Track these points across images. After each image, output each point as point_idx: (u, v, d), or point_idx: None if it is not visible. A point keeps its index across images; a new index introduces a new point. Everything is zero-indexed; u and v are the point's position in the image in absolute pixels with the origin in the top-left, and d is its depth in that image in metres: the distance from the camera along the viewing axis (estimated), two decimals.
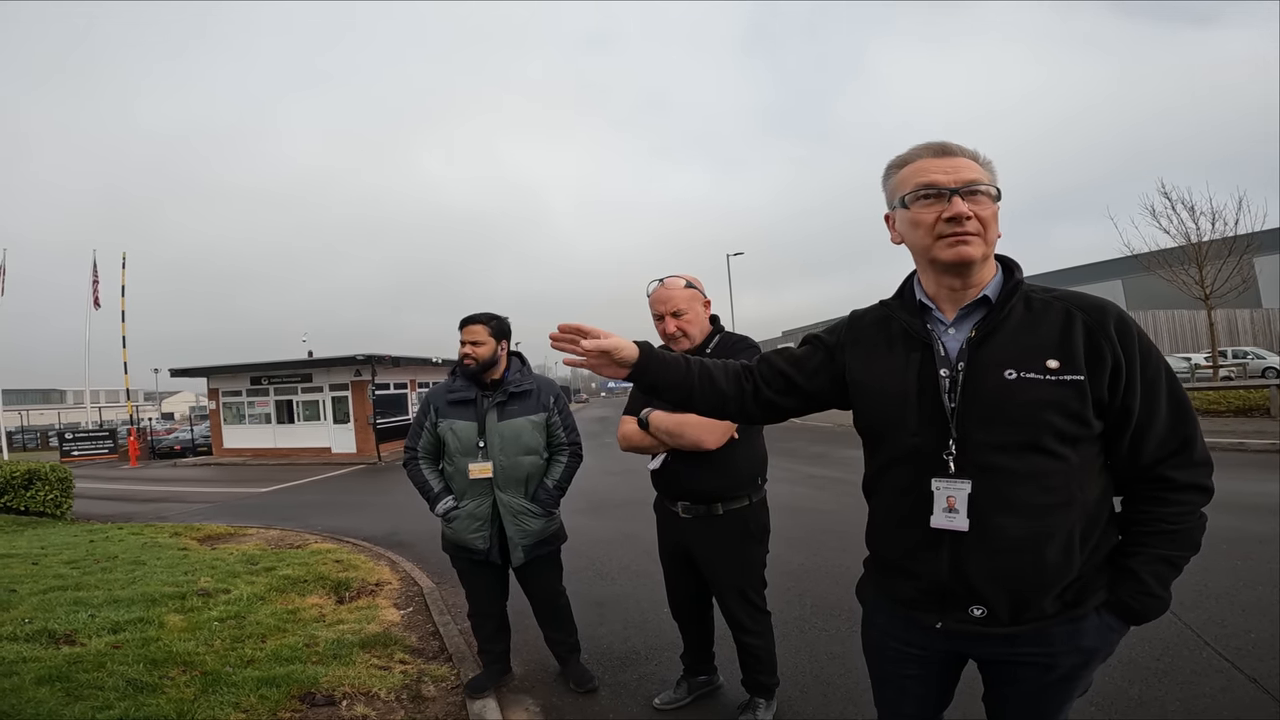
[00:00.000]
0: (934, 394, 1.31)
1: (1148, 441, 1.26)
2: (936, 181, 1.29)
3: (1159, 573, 1.28)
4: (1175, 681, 2.83)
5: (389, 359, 20.84)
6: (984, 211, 1.28)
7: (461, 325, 3.00)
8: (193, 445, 25.99)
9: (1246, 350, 23.62)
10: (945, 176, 1.29)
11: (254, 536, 7.50)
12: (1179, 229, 18.32)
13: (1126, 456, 1.29)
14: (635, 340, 1.50)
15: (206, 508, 11.28)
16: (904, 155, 1.38)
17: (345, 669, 3.21)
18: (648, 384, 1.48)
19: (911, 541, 1.35)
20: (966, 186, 1.27)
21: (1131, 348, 1.25)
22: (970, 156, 1.32)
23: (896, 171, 1.38)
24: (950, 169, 1.30)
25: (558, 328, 1.44)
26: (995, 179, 1.32)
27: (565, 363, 1.48)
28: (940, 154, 1.32)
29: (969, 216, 1.26)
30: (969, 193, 1.27)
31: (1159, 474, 1.28)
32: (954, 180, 1.28)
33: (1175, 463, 1.27)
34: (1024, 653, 1.32)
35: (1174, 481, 1.27)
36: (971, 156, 1.32)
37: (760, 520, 2.62)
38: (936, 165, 1.31)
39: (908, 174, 1.35)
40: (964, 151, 1.33)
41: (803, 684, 3.05)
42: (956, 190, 1.27)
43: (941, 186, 1.28)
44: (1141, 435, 1.26)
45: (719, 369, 1.52)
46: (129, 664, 3.14)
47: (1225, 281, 17.73)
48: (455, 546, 3.03)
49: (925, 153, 1.34)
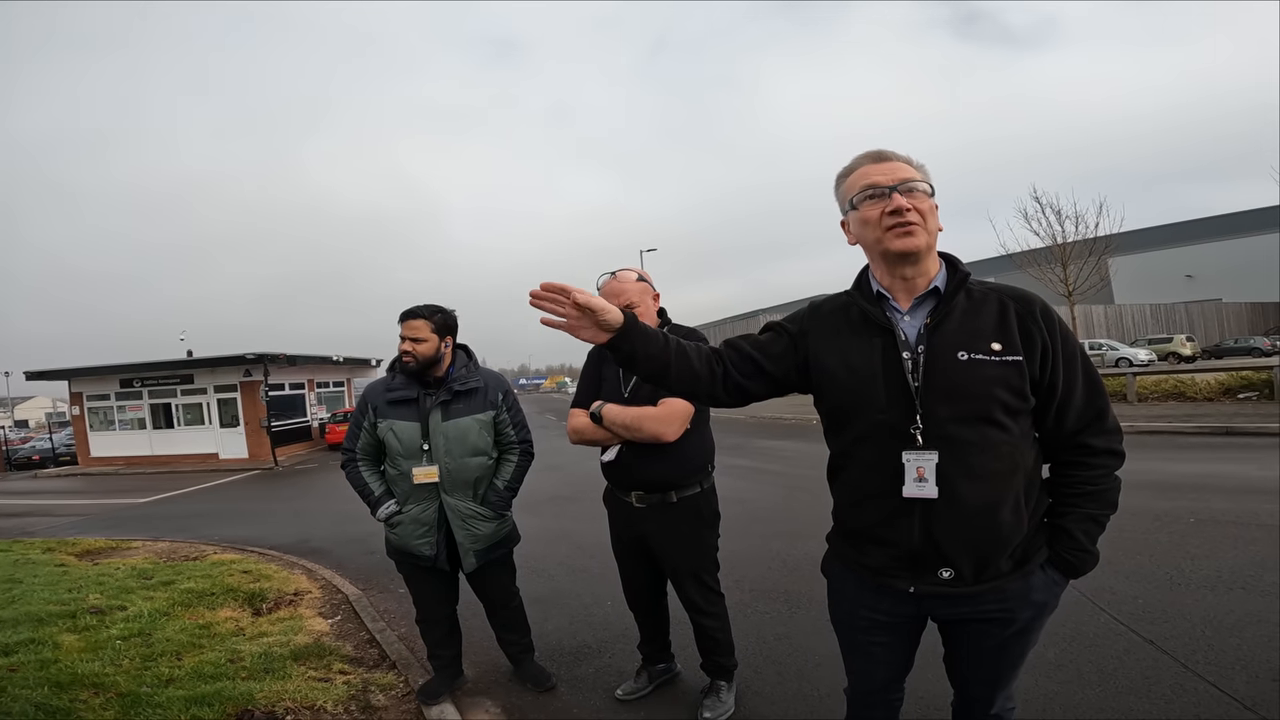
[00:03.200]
0: (899, 374, 1.43)
1: (1069, 413, 1.44)
2: (877, 182, 1.45)
3: (1088, 530, 1.45)
4: (1083, 645, 3.09)
5: (284, 357, 19.62)
6: (921, 205, 1.43)
7: (401, 319, 2.81)
8: (54, 455, 23.53)
9: (1102, 342, 26.19)
10: (884, 177, 1.45)
11: (141, 549, 6.90)
12: (1047, 231, 20.12)
13: (1052, 427, 1.46)
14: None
15: (79, 520, 10.27)
16: (849, 165, 1.54)
17: (281, 683, 3.00)
18: (627, 352, 1.48)
19: (885, 511, 1.45)
20: (903, 184, 1.43)
21: (1055, 332, 1.43)
22: (904, 160, 1.49)
23: (844, 180, 1.54)
24: (888, 171, 1.47)
25: (540, 286, 1.41)
26: (929, 180, 1.49)
27: (543, 322, 1.44)
28: (878, 160, 1.49)
29: (909, 209, 1.41)
30: (906, 189, 1.43)
31: (1079, 441, 1.45)
32: (892, 179, 1.45)
33: (1092, 431, 1.45)
34: (985, 610, 1.46)
35: (1092, 448, 1.45)
36: (905, 160, 1.50)
37: (712, 506, 2.67)
38: (876, 169, 1.47)
39: (853, 180, 1.50)
40: (898, 156, 1.50)
41: (755, 665, 3.13)
42: (895, 187, 1.43)
43: (882, 185, 1.45)
44: (1064, 408, 1.43)
45: (692, 349, 1.56)
46: (30, 687, 2.83)
47: (1085, 279, 19.63)
48: (400, 552, 2.89)
49: (866, 160, 1.51)
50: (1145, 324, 33.27)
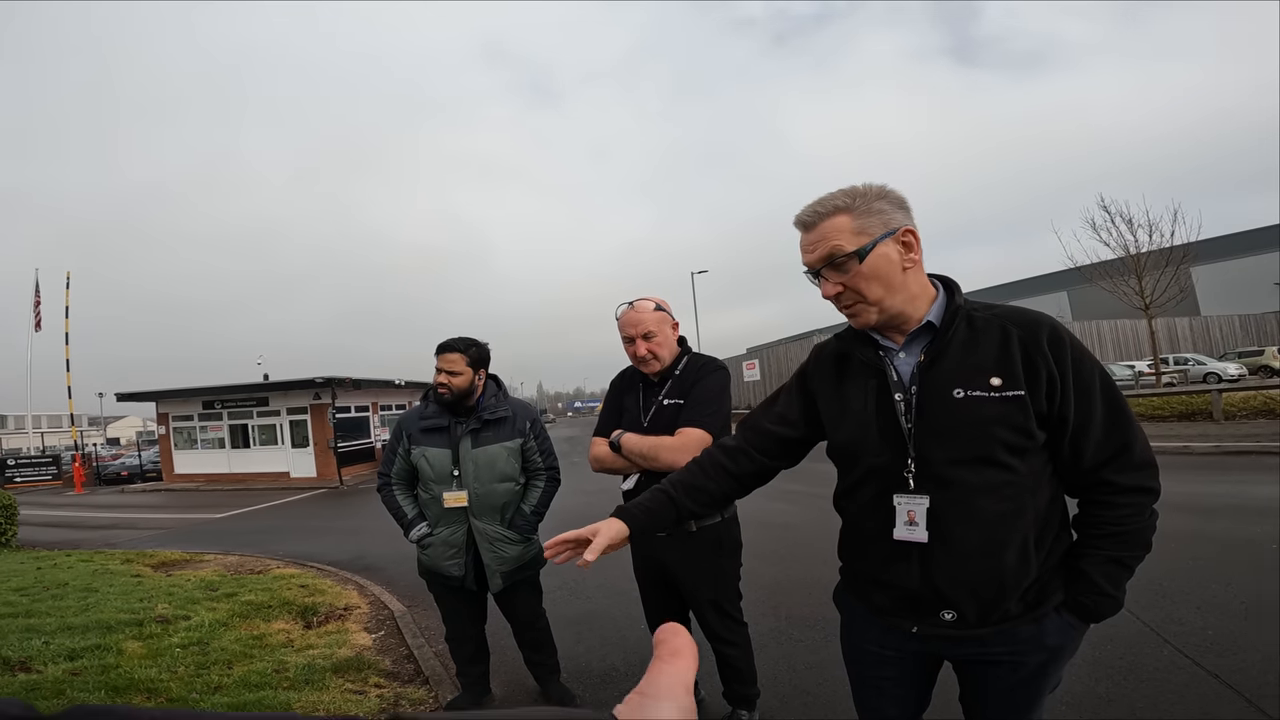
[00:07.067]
0: (891, 416, 1.38)
1: (1086, 446, 1.31)
2: (806, 263, 1.38)
3: (1110, 573, 1.33)
4: (1140, 679, 2.93)
5: (349, 381, 20.41)
6: (852, 280, 1.33)
7: (438, 351, 2.91)
8: (141, 471, 25.01)
9: (1187, 357, 24.69)
10: (808, 256, 1.37)
11: (211, 563, 7.28)
12: (1118, 241, 19.10)
13: (1068, 462, 1.34)
14: (611, 514, 1.52)
15: (159, 534, 10.88)
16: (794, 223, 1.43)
17: (319, 694, 3.14)
18: (650, 533, 1.55)
19: (882, 554, 1.41)
20: (827, 261, 1.34)
21: (1064, 359, 1.30)
22: (831, 212, 1.34)
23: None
24: (810, 246, 1.36)
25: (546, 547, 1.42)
26: (872, 220, 1.32)
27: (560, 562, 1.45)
28: (804, 229, 1.39)
29: (838, 291, 1.35)
30: (833, 267, 1.34)
31: (1101, 478, 1.32)
32: (813, 259, 1.36)
33: (1116, 466, 1.31)
34: (994, 652, 1.38)
35: (1116, 485, 1.32)
36: (833, 211, 1.34)
37: (732, 535, 2.65)
38: (804, 243, 1.39)
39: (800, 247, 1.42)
40: (824, 212, 1.35)
41: (782, 694, 3.08)
42: (818, 271, 1.36)
43: (809, 268, 1.38)
44: (1079, 441, 1.31)
45: (700, 472, 1.58)
46: (89, 690, 3.04)
47: (1164, 291, 18.51)
48: (430, 572, 2.99)
49: (798, 225, 1.40)
50: (1234, 336, 31.21)
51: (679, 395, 2.55)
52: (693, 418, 2.45)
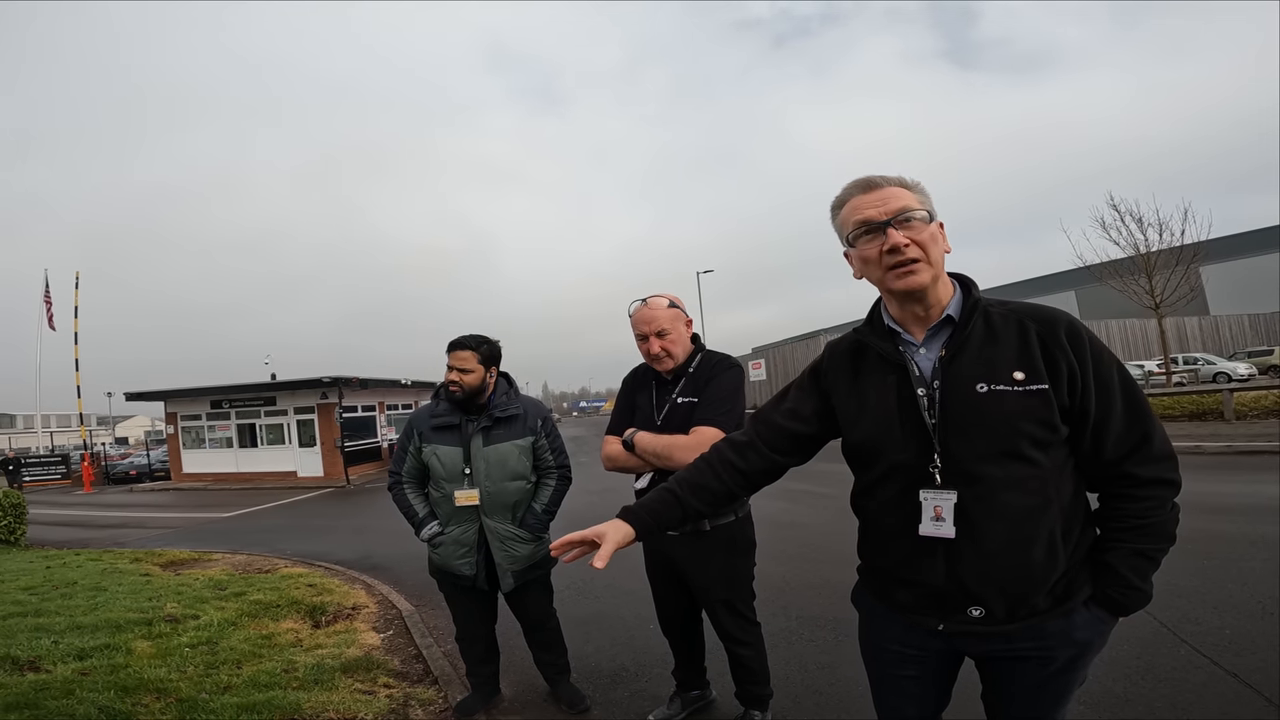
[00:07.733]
0: (914, 412, 1.37)
1: (1106, 440, 1.31)
2: (870, 218, 1.36)
3: (1136, 566, 1.33)
4: (1157, 678, 2.90)
5: (356, 381, 20.44)
6: (920, 235, 1.34)
7: (449, 349, 2.89)
8: (149, 470, 25.14)
9: (1197, 356, 24.53)
10: (875, 210, 1.36)
11: (220, 562, 7.28)
12: (1128, 240, 18.97)
13: (1090, 455, 1.34)
14: (616, 516, 1.54)
15: (167, 533, 10.92)
16: (839, 196, 1.44)
17: (328, 694, 3.12)
18: (656, 533, 1.57)
19: (906, 551, 1.40)
20: (898, 216, 1.34)
21: (1083, 353, 1.31)
22: (896, 184, 1.38)
23: (837, 213, 1.45)
24: (879, 202, 1.36)
25: (552, 549, 1.48)
26: (928, 200, 1.38)
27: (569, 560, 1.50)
28: (868, 189, 1.39)
29: (907, 244, 1.33)
30: (902, 221, 1.34)
31: (1123, 471, 1.32)
32: (884, 212, 1.35)
33: (1137, 459, 1.32)
34: (1022, 648, 1.36)
35: (1138, 478, 1.32)
36: (898, 184, 1.38)
37: (746, 535, 2.62)
38: (867, 201, 1.38)
39: (846, 214, 1.42)
40: (889, 181, 1.39)
41: (795, 694, 3.06)
42: (888, 222, 1.34)
43: (874, 221, 1.35)
44: (1100, 434, 1.31)
45: (708, 470, 1.57)
46: (99, 691, 3.03)
47: (1174, 290, 18.38)
48: (441, 571, 2.97)
49: (855, 190, 1.40)
50: (1244, 336, 31.00)
51: (693, 393, 2.53)
52: (707, 416, 2.43)
